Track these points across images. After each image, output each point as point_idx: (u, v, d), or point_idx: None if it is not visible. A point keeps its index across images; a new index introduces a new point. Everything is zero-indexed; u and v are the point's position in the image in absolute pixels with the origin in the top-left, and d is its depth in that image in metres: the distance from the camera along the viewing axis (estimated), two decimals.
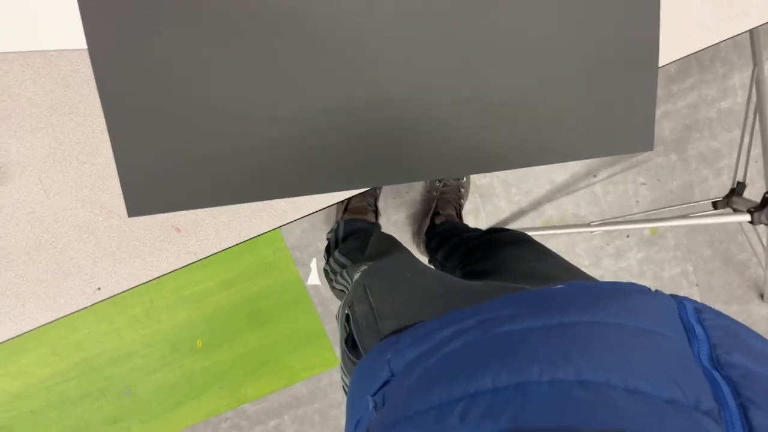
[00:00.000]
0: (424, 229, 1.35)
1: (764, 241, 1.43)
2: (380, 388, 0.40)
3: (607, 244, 1.53)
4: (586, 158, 0.60)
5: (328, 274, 1.00)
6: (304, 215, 0.58)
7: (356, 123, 0.55)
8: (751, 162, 1.30)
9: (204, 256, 0.58)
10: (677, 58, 0.58)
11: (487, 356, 0.34)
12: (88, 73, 0.51)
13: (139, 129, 0.53)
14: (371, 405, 0.38)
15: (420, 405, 0.33)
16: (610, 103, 0.58)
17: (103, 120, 0.52)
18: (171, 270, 0.57)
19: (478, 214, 1.46)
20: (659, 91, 1.38)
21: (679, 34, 0.58)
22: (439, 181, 1.37)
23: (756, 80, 1.24)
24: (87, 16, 0.49)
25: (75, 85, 0.52)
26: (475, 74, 0.56)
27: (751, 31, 1.26)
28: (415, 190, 1.42)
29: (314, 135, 0.55)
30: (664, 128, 1.43)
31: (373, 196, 1.30)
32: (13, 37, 0.50)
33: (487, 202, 1.45)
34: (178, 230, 0.56)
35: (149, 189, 0.54)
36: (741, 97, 1.42)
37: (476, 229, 1.16)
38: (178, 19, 0.50)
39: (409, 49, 0.54)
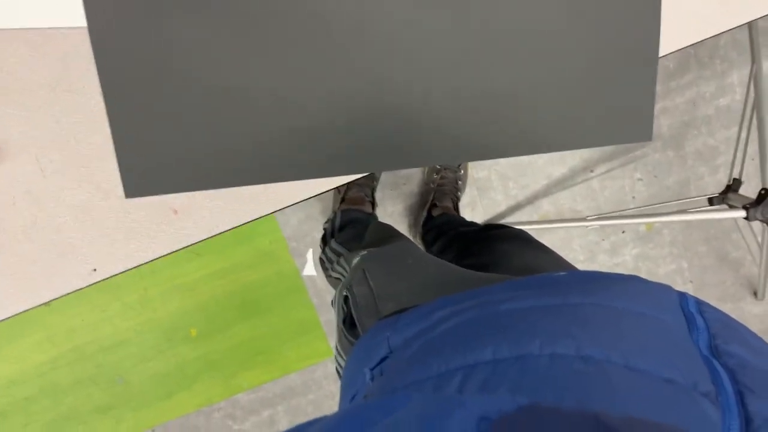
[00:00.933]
0: (421, 220, 1.35)
1: (759, 238, 1.44)
2: (378, 363, 0.40)
3: (603, 240, 1.54)
4: (586, 147, 0.60)
5: (324, 263, 1.00)
6: (302, 200, 0.58)
7: (357, 108, 0.55)
8: (747, 159, 1.30)
9: (200, 239, 0.57)
10: (677, 48, 0.58)
11: (487, 330, 0.34)
12: (88, 51, 0.51)
13: (137, 109, 0.52)
14: (368, 377, 0.38)
15: (418, 374, 0.33)
16: (610, 92, 0.58)
17: (102, 99, 0.52)
18: (167, 252, 0.57)
19: (474, 207, 1.46)
20: (658, 87, 1.38)
21: (679, 25, 0.58)
22: (437, 173, 1.37)
23: (754, 77, 1.24)
24: None
25: (74, 64, 0.51)
26: (476, 62, 0.56)
27: (750, 28, 1.27)
28: (412, 182, 1.42)
29: (315, 119, 0.55)
30: (662, 124, 1.43)
31: (370, 187, 1.30)
32: (10, 14, 0.49)
33: (484, 195, 1.45)
34: (176, 212, 0.56)
35: (147, 170, 0.54)
36: (740, 95, 1.42)
37: (473, 223, 1.16)
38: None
39: (411, 36, 0.54)
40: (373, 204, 1.30)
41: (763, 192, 1.15)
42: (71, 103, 0.52)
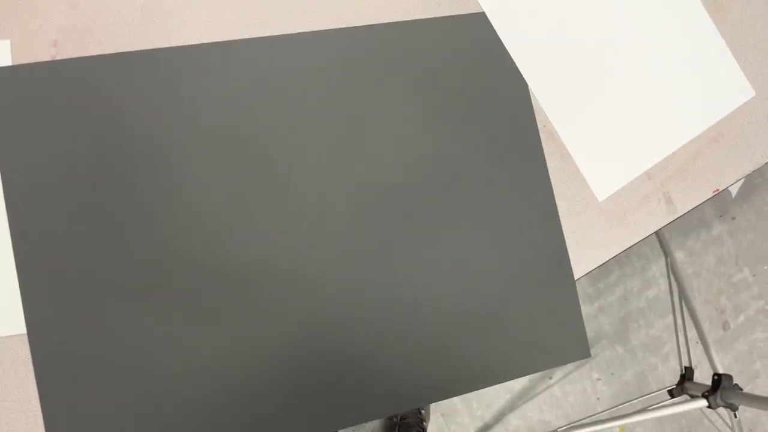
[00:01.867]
0: None
1: (728, 420, 1.42)
2: None
3: None
4: (531, 373, 0.61)
5: None
6: None
7: (297, 374, 0.56)
8: (691, 344, 1.34)
9: None
10: (588, 270, 0.64)
11: None
12: (25, 358, 0.51)
13: (75, 413, 0.51)
14: None
15: None
16: (542, 320, 0.62)
17: (37, 406, 0.50)
18: None
19: None
20: (589, 290, 1.46)
21: (584, 253, 0.64)
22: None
23: (671, 269, 1.35)
24: (29, 298, 0.51)
25: (10, 371, 0.51)
26: (413, 310, 0.59)
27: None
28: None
29: (259, 389, 0.54)
30: (603, 323, 1.49)
31: None
32: None
33: (451, 421, 1.40)
34: None
35: None
36: (663, 285, 1.53)
37: None
38: (122, 292, 0.52)
39: (345, 292, 0.57)
40: None
41: (716, 377, 1.17)
42: (5, 412, 0.50)
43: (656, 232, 1.39)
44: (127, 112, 0.54)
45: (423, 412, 1.34)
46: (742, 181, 1.55)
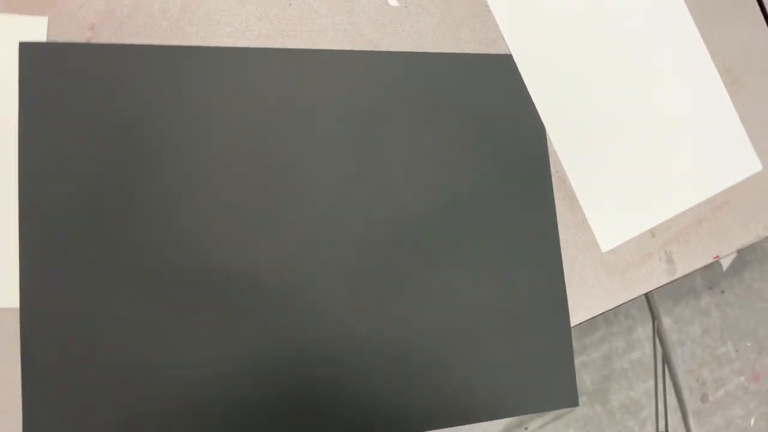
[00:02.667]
0: None
1: None
2: None
3: None
4: (518, 415, 0.61)
5: None
6: None
7: (286, 387, 0.55)
8: (670, 411, 1.34)
9: None
10: (584, 319, 0.64)
11: None
12: (14, 333, 0.50)
13: (55, 393, 0.50)
14: None
15: None
16: (533, 362, 0.62)
17: (17, 384, 0.49)
18: None
19: None
20: (575, 344, 1.46)
21: (585, 299, 0.65)
22: None
23: (657, 333, 1.35)
24: (26, 274, 0.50)
25: None
26: (405, 338, 0.58)
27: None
28: None
29: (247, 396, 0.54)
30: (584, 379, 1.48)
31: None
32: None
33: None
34: None
35: None
36: (648, 348, 1.53)
37: None
38: (119, 281, 0.52)
39: (339, 311, 0.57)
40: None
41: None
42: None
43: (646, 295, 1.40)
44: (153, 104, 0.54)
45: None
46: (735, 255, 1.57)
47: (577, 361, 1.48)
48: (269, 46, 0.59)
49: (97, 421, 0.50)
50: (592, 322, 1.49)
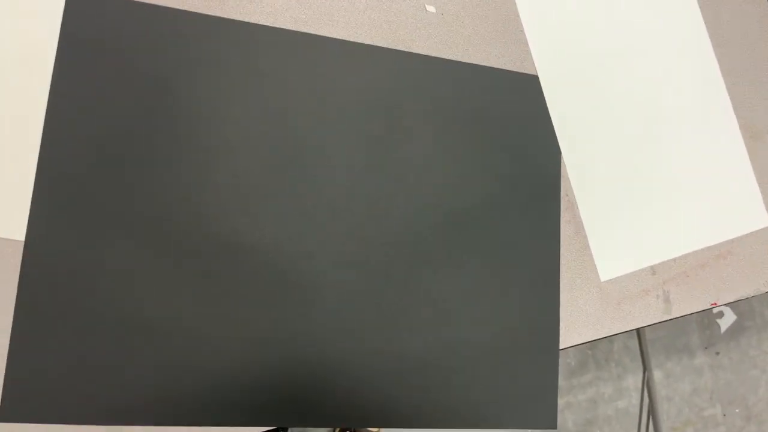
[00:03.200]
0: None
1: None
2: None
3: None
4: (493, 428, 0.61)
5: None
6: None
7: (273, 359, 0.55)
8: None
9: None
10: (573, 344, 0.64)
11: None
12: (14, 265, 0.51)
13: (44, 329, 0.50)
14: None
15: None
16: (517, 379, 0.62)
17: (8, 315, 0.50)
18: None
19: None
20: (562, 382, 1.45)
21: (577, 323, 0.65)
22: None
23: (647, 384, 1.34)
24: (37, 209, 0.51)
25: None
26: (397, 333, 0.59)
27: (639, 338, 1.41)
28: None
29: (227, 366, 0.54)
30: (567, 419, 1.46)
31: None
32: None
33: None
34: None
35: (33, 396, 0.49)
36: (635, 399, 1.51)
37: None
38: (127, 233, 0.53)
39: (341, 300, 0.58)
40: None
41: None
42: None
43: (640, 345, 1.39)
44: (184, 67, 0.56)
45: None
46: (734, 319, 1.56)
47: (562, 401, 1.46)
48: (304, 31, 0.60)
49: (81, 365, 0.51)
50: (582, 362, 1.48)
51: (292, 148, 0.58)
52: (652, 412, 1.32)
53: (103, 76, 0.54)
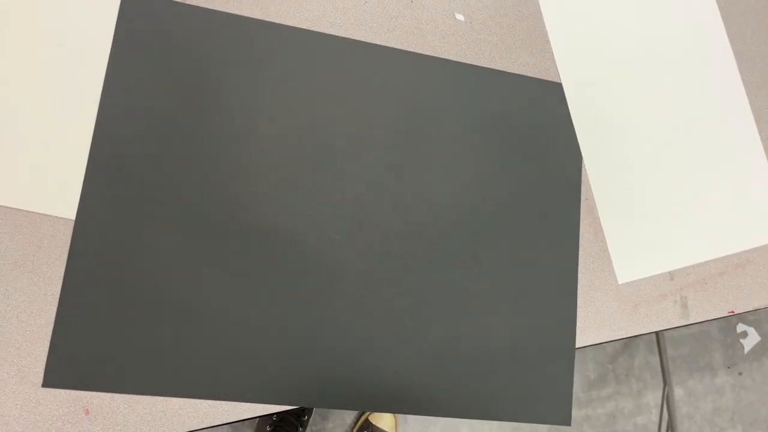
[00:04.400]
0: None
1: None
2: None
3: None
4: (510, 421, 0.62)
5: None
6: (227, 422, 0.56)
7: (302, 341, 0.58)
8: None
9: None
10: (589, 343, 0.66)
11: None
12: (64, 242, 0.55)
13: (89, 301, 0.54)
14: None
15: None
16: (534, 374, 0.63)
17: (57, 287, 0.54)
18: None
19: None
20: (582, 395, 1.45)
21: (593, 323, 0.66)
22: None
23: (667, 401, 1.33)
24: (87, 191, 0.55)
25: (46, 248, 0.55)
26: (417, 323, 0.61)
27: (660, 354, 1.40)
28: None
29: (258, 345, 0.57)
30: (585, 431, 1.46)
31: None
32: (8, 194, 0.54)
33: None
34: (87, 412, 0.53)
35: (76, 363, 0.53)
36: (655, 416, 1.50)
37: None
38: (167, 216, 0.57)
39: (361, 283, 0.61)
40: None
41: None
42: (28, 283, 0.54)
43: (661, 361, 1.38)
44: (227, 66, 0.60)
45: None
46: (758, 340, 1.54)
47: (581, 413, 1.46)
48: (340, 35, 0.64)
49: (120, 337, 0.54)
50: (602, 376, 1.47)
51: (322, 144, 0.61)
52: (671, 429, 1.31)
53: (152, 71, 0.58)
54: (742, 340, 1.54)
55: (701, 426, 1.49)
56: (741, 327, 1.55)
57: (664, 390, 1.34)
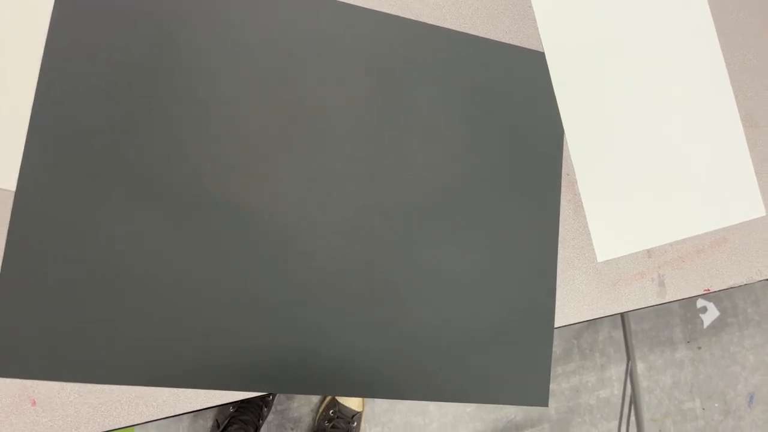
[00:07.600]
0: None
1: None
2: None
3: None
4: (486, 403, 0.60)
5: None
6: (183, 412, 0.52)
7: (265, 327, 0.54)
8: None
9: None
10: (567, 323, 0.64)
11: None
12: (3, 215, 0.49)
13: (32, 285, 0.49)
14: None
15: None
16: (512, 355, 0.61)
17: None
18: None
19: None
20: None
21: (572, 302, 0.65)
22: (328, 420, 1.29)
23: (631, 375, 1.35)
24: (29, 160, 0.49)
25: None
26: (393, 303, 0.58)
27: (624, 329, 1.42)
28: (301, 427, 1.32)
29: (224, 328, 0.53)
30: (549, 407, 1.47)
31: (254, 425, 1.19)
32: None
33: None
34: (34, 403, 0.48)
35: (18, 351, 0.48)
36: (617, 390, 1.52)
37: None
38: (119, 187, 0.51)
39: (338, 262, 0.57)
40: None
41: None
42: None
43: (625, 336, 1.40)
44: (188, 20, 0.54)
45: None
46: (717, 314, 1.57)
47: None
48: None
49: (69, 317, 0.49)
50: (567, 351, 1.49)
51: (293, 109, 0.57)
52: (634, 402, 1.33)
53: (101, 23, 0.52)
54: (701, 315, 1.58)
55: (660, 399, 1.53)
56: (701, 302, 1.58)
57: (627, 364, 1.36)
